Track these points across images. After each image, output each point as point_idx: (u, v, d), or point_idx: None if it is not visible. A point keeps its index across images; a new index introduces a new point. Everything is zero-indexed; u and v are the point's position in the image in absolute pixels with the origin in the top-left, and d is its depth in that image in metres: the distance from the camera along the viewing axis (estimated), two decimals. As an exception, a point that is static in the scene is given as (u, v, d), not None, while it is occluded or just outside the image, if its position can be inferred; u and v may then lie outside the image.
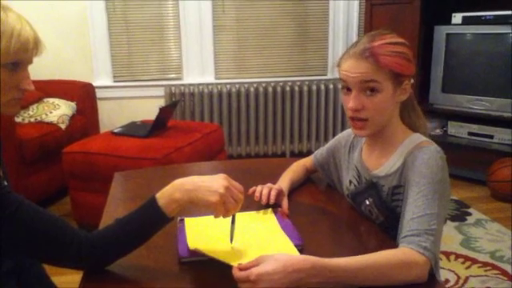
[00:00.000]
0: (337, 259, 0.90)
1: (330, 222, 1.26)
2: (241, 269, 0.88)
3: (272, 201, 1.27)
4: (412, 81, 1.16)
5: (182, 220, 1.17)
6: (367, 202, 1.23)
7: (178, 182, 0.97)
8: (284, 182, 1.39)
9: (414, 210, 1.01)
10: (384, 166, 1.18)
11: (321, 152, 1.47)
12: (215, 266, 0.97)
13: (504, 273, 2.24)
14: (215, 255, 0.99)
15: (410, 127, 1.21)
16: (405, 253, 0.95)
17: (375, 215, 1.22)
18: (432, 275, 0.95)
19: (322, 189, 1.47)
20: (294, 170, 1.47)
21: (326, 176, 1.47)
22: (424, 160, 1.07)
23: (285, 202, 1.30)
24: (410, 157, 1.11)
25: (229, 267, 0.92)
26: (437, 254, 0.97)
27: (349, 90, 1.13)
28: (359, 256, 0.92)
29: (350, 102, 1.12)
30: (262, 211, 1.26)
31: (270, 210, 1.27)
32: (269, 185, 1.33)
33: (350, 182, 1.30)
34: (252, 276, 0.85)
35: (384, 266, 0.92)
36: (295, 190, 1.42)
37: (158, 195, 0.96)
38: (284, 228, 1.16)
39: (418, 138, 1.16)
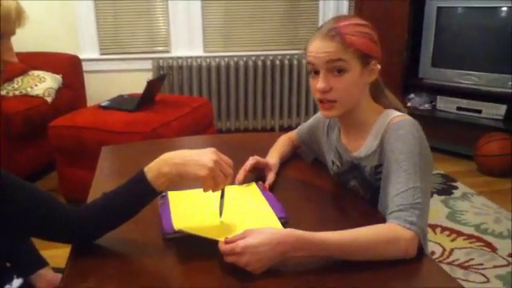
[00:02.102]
0: (323, 233, 0.91)
1: (315, 195, 1.27)
2: (226, 242, 0.89)
3: (237, 181, 1.25)
4: (379, 66, 1.16)
5: (164, 196, 1.16)
6: (352, 183, 1.24)
7: (166, 155, 0.96)
8: (273, 157, 1.39)
9: (397, 186, 1.01)
10: (362, 147, 1.19)
11: (303, 129, 1.47)
12: (201, 241, 0.97)
13: (488, 245, 2.29)
14: (201, 233, 0.99)
15: (382, 105, 1.21)
16: (391, 228, 0.95)
17: (362, 194, 1.23)
18: (421, 249, 0.95)
19: (308, 163, 1.47)
20: (282, 145, 1.47)
21: (310, 151, 1.48)
22: (399, 135, 1.07)
23: (270, 176, 1.29)
24: (387, 134, 1.11)
25: (215, 242, 0.92)
26: (424, 228, 0.97)
27: (316, 73, 1.13)
28: (345, 231, 0.93)
29: (317, 83, 1.12)
30: (245, 184, 1.26)
31: (253, 183, 1.27)
32: (255, 157, 1.33)
33: (333, 162, 1.30)
34: (237, 248, 0.86)
35: (371, 241, 0.92)
36: (282, 164, 1.42)
37: (146, 169, 0.95)
38: (268, 200, 1.16)
39: (390, 114, 1.16)
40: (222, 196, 1.03)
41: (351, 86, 1.12)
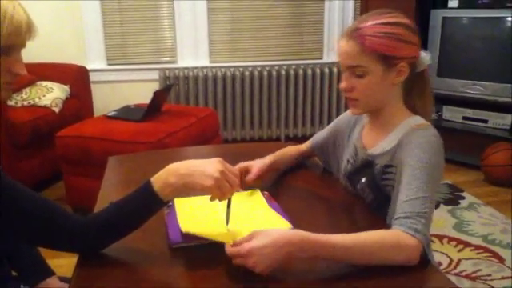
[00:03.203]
0: (327, 235, 0.92)
1: (323, 206, 1.27)
2: (233, 245, 0.90)
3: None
4: (427, 63, 1.15)
5: (170, 206, 1.17)
6: (363, 180, 1.23)
7: (172, 166, 0.96)
8: (267, 158, 1.38)
9: (408, 193, 1.01)
10: (380, 144, 1.19)
11: (321, 134, 1.47)
12: (207, 249, 0.98)
13: (495, 255, 2.27)
14: (209, 236, 0.99)
15: (411, 110, 1.20)
16: (396, 234, 0.95)
17: (366, 194, 1.23)
18: (425, 257, 0.95)
19: (317, 174, 1.47)
20: (284, 152, 1.46)
21: (323, 159, 1.47)
22: (420, 143, 1.07)
23: (254, 170, 1.30)
24: (406, 138, 1.11)
25: (221, 248, 0.92)
26: (428, 236, 0.98)
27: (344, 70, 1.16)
28: (350, 234, 0.93)
29: (341, 83, 1.16)
30: (248, 191, 1.26)
31: (257, 190, 1.27)
32: (239, 165, 1.32)
33: (348, 160, 1.30)
34: (243, 250, 0.88)
35: (374, 246, 0.93)
36: (289, 174, 1.42)
37: (153, 179, 0.95)
38: (273, 208, 1.17)
39: (416, 120, 1.16)
40: (229, 205, 1.03)
41: (372, 87, 1.13)
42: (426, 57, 1.17)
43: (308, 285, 0.89)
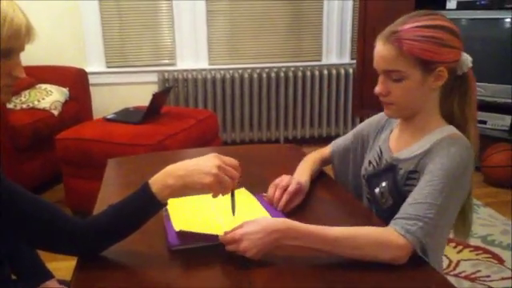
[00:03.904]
0: (315, 226, 0.95)
1: (321, 207, 1.26)
2: (226, 233, 0.97)
3: (284, 207, 1.17)
4: (469, 65, 1.10)
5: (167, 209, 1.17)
6: (383, 184, 1.20)
7: (169, 168, 0.96)
8: (304, 175, 1.30)
9: (416, 197, 0.99)
10: (407, 149, 1.15)
11: (344, 138, 1.42)
12: (206, 251, 0.99)
13: (495, 256, 2.27)
14: (203, 231, 1.03)
15: (446, 117, 1.15)
16: (386, 232, 0.95)
17: (385, 199, 1.19)
18: (422, 260, 0.95)
19: (321, 179, 1.47)
20: (312, 161, 1.39)
21: (339, 164, 1.41)
22: (450, 152, 1.03)
23: (299, 199, 1.21)
24: (437, 146, 1.07)
25: (220, 251, 0.94)
26: (425, 241, 0.95)
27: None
28: (338, 227, 0.95)
29: (376, 87, 1.12)
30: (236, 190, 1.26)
31: (243, 188, 1.26)
32: (286, 178, 1.22)
33: (370, 162, 1.27)
34: (236, 236, 0.94)
35: (361, 240, 0.94)
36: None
37: (151, 181, 0.95)
38: (262, 204, 1.20)
39: (450, 129, 1.12)
40: (233, 195, 1.03)
41: (409, 92, 1.09)
42: (467, 59, 1.12)
43: (308, 284, 0.89)
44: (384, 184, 1.20)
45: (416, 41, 1.04)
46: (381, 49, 1.08)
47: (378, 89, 1.12)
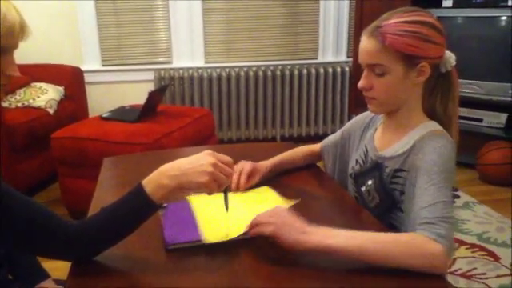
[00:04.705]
0: (336, 240, 0.91)
1: (316, 204, 1.26)
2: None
3: (242, 187, 1.27)
4: (452, 63, 1.11)
5: (165, 207, 1.16)
6: (369, 182, 1.21)
7: (163, 168, 0.94)
8: (271, 159, 1.39)
9: (426, 199, 0.97)
10: (392, 147, 1.16)
11: (334, 135, 1.44)
12: (203, 251, 0.98)
13: (490, 254, 2.28)
14: (226, 225, 1.05)
15: (428, 113, 1.16)
16: (417, 238, 0.90)
17: (372, 197, 1.20)
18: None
19: (311, 172, 1.47)
20: (293, 151, 1.46)
21: (329, 160, 1.44)
22: (436, 148, 1.04)
23: (251, 181, 1.29)
24: (420, 143, 1.08)
25: (218, 250, 0.93)
26: (452, 243, 0.92)
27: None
28: (371, 232, 0.91)
29: (360, 81, 1.13)
30: (257, 189, 1.28)
31: (266, 187, 1.29)
32: (241, 163, 1.32)
33: (356, 161, 1.28)
34: (264, 218, 0.96)
35: (390, 246, 0.89)
36: (286, 174, 1.42)
37: (145, 182, 0.93)
38: None
39: (432, 125, 1.13)
40: (225, 192, 1.02)
41: (391, 87, 1.09)
42: (451, 57, 1.12)
43: (306, 284, 0.89)
44: (370, 182, 1.20)
45: (399, 35, 1.05)
46: (365, 43, 1.09)
47: (361, 83, 1.13)
